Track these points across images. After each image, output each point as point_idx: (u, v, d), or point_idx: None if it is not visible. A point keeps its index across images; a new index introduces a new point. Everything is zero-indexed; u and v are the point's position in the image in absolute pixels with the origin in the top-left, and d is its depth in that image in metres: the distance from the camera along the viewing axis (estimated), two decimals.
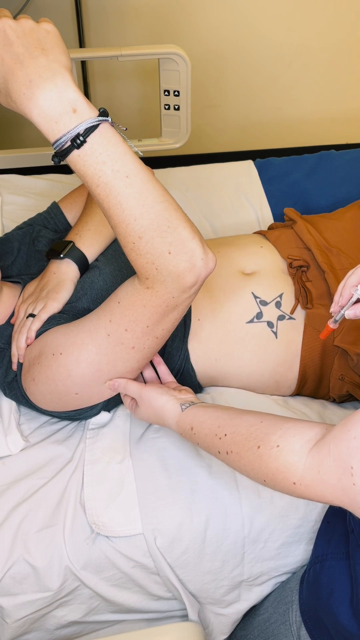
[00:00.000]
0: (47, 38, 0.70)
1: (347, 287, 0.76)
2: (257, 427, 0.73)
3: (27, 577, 0.90)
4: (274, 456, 0.68)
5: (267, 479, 0.69)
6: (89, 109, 0.69)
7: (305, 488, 0.65)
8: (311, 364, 1.06)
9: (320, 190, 1.53)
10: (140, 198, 0.72)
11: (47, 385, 0.90)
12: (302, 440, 0.66)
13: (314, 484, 0.63)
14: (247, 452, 0.72)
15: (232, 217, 1.52)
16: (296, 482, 0.66)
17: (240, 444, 0.73)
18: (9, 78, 0.68)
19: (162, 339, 0.86)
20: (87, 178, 0.71)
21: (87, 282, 1.01)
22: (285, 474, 0.67)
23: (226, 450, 0.76)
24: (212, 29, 2.07)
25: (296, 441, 0.67)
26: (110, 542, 0.92)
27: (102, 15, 2.00)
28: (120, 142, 0.71)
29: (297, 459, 0.65)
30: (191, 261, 0.75)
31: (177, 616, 1.01)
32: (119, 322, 0.83)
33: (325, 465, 0.62)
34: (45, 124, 0.69)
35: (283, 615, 0.89)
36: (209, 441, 0.79)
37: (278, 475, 0.67)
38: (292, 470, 0.66)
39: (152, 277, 0.77)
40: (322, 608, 0.80)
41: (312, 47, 2.15)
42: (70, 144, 0.69)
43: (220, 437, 0.77)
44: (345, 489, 0.60)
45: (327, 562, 0.81)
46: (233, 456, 0.75)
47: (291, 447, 0.67)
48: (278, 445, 0.68)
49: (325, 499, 0.63)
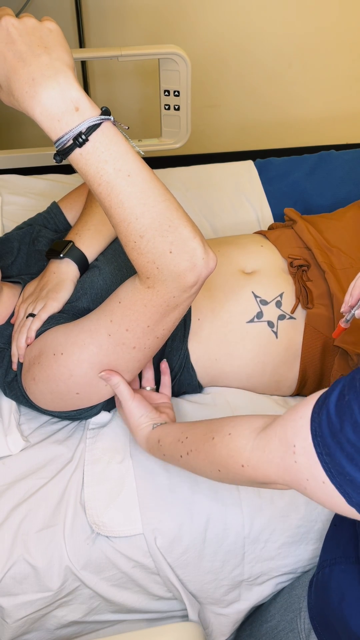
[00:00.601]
0: (50, 36, 0.70)
1: (357, 288, 0.78)
2: (214, 423, 0.77)
3: (27, 577, 0.90)
4: (225, 442, 0.71)
5: (220, 467, 0.73)
6: (92, 107, 0.69)
7: (252, 469, 0.67)
8: (311, 364, 1.06)
9: (320, 190, 1.53)
10: (141, 197, 0.72)
11: (48, 384, 0.90)
12: (252, 427, 0.69)
13: (260, 463, 0.66)
14: (203, 445, 0.75)
15: (232, 217, 1.52)
16: (244, 465, 0.68)
17: (198, 439, 0.77)
18: (12, 76, 0.68)
19: (162, 339, 0.86)
20: (88, 177, 0.71)
21: (87, 282, 1.01)
22: (235, 457, 0.69)
23: (186, 451, 0.79)
24: (212, 29, 2.07)
25: (246, 427, 0.70)
26: (111, 542, 0.92)
27: (102, 15, 2.00)
28: (122, 141, 0.71)
29: (245, 442, 0.68)
30: (192, 260, 0.75)
31: (177, 616, 1.01)
32: (119, 322, 0.83)
33: (271, 445, 0.64)
34: (47, 122, 0.69)
35: (291, 622, 0.89)
36: (172, 448, 0.83)
37: (229, 460, 0.70)
38: (241, 452, 0.69)
39: (153, 277, 0.77)
40: (333, 613, 0.79)
41: (312, 47, 2.15)
42: (72, 142, 0.69)
43: (182, 440, 0.81)
44: (287, 467, 0.62)
45: (337, 566, 0.81)
46: (192, 454, 0.78)
47: (240, 432, 0.70)
48: (230, 433, 0.72)
49: (270, 478, 0.65)
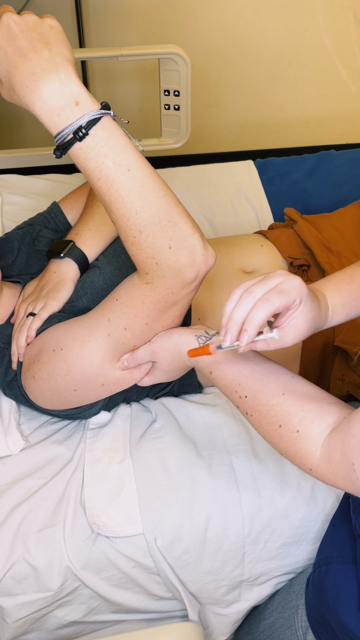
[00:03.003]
0: (51, 32, 0.70)
1: (241, 306, 0.66)
2: (278, 400, 0.72)
3: (27, 577, 0.90)
4: (294, 440, 0.70)
5: (286, 455, 0.73)
6: (92, 102, 0.69)
7: (321, 476, 0.68)
8: (311, 364, 1.06)
9: (320, 190, 1.54)
10: (141, 192, 0.72)
11: (47, 382, 0.90)
12: (320, 428, 0.68)
13: (328, 474, 0.67)
14: (268, 426, 0.73)
15: (232, 217, 1.52)
16: (312, 469, 0.69)
17: (262, 414, 0.74)
18: (12, 71, 0.68)
19: None
20: (88, 171, 0.71)
21: (87, 282, 1.01)
22: (303, 459, 0.70)
23: (246, 411, 0.76)
24: (212, 29, 2.07)
25: (314, 429, 0.69)
26: (111, 542, 0.92)
27: (102, 15, 2.00)
28: (122, 136, 0.71)
29: (314, 449, 0.68)
30: (191, 256, 0.75)
31: (177, 616, 1.01)
32: (117, 320, 0.83)
33: (334, 458, 0.65)
34: (47, 117, 0.69)
35: (288, 620, 0.89)
36: (228, 393, 0.79)
37: (296, 458, 0.71)
38: (309, 458, 0.69)
39: (152, 272, 0.77)
40: (328, 611, 0.79)
41: (312, 47, 2.15)
42: (72, 136, 0.69)
43: (240, 396, 0.76)
44: (353, 482, 0.63)
45: (333, 565, 0.81)
46: (253, 420, 0.76)
47: (309, 434, 0.69)
48: (298, 430, 0.70)
49: (339, 486, 0.67)
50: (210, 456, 0.97)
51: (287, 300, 0.66)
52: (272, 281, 0.67)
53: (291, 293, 0.66)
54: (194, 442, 0.99)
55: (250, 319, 0.65)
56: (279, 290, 0.66)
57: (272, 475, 0.96)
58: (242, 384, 0.76)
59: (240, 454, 0.98)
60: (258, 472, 0.96)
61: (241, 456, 0.97)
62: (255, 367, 0.77)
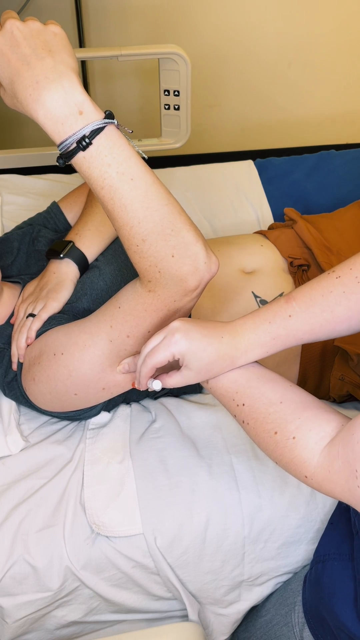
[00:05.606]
0: (54, 40, 0.70)
1: (157, 353, 0.74)
2: (275, 408, 0.73)
3: (27, 577, 0.90)
4: (290, 447, 0.69)
5: (280, 463, 0.72)
6: (95, 111, 0.69)
7: (317, 484, 0.67)
8: (311, 364, 1.06)
9: (320, 190, 1.53)
10: (144, 201, 0.72)
11: (48, 385, 0.90)
12: (317, 436, 0.68)
13: (325, 482, 0.66)
14: (263, 433, 0.73)
15: (232, 217, 1.52)
16: (308, 477, 0.68)
17: (258, 421, 0.74)
18: (16, 79, 0.68)
19: None
20: (91, 180, 0.71)
21: (87, 282, 1.01)
22: (299, 466, 0.69)
23: (243, 420, 0.76)
24: (212, 28, 2.07)
25: (311, 436, 0.68)
26: (111, 542, 0.92)
27: (102, 15, 2.01)
28: (125, 145, 0.71)
29: (311, 457, 0.67)
30: (194, 264, 0.75)
31: (177, 616, 1.01)
32: (120, 328, 0.82)
33: (335, 466, 0.64)
34: (51, 125, 0.69)
35: (285, 616, 0.89)
36: (225, 402, 0.79)
37: (292, 465, 0.70)
38: (305, 465, 0.68)
39: (155, 280, 0.76)
40: (324, 607, 0.80)
41: (312, 47, 2.16)
42: (76, 145, 0.69)
43: (237, 404, 0.76)
44: (352, 490, 0.62)
45: (329, 562, 0.81)
46: (249, 428, 0.75)
47: (306, 442, 0.68)
48: (294, 437, 0.69)
49: (334, 495, 0.66)
50: (210, 456, 0.97)
51: (164, 357, 0.74)
52: (154, 342, 0.75)
53: (165, 354, 0.73)
54: (193, 442, 0.99)
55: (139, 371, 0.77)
56: (155, 351, 0.74)
57: (272, 475, 0.96)
58: (239, 392, 0.77)
59: (240, 454, 0.98)
60: (258, 472, 0.96)
61: (241, 456, 0.97)
62: (252, 375, 0.78)
